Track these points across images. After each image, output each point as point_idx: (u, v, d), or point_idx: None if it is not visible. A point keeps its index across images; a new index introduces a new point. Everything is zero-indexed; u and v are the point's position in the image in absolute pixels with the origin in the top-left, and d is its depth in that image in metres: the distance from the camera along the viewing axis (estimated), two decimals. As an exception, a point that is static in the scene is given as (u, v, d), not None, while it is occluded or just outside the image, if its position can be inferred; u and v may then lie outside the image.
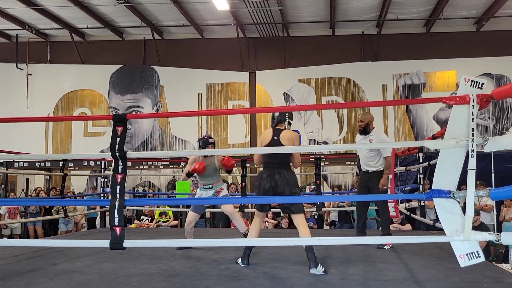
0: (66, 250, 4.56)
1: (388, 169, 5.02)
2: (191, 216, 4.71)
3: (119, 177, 2.89)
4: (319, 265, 3.37)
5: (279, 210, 7.93)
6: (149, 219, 8.84)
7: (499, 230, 2.60)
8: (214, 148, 4.86)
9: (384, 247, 4.58)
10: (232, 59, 12.45)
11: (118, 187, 2.86)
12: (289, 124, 3.87)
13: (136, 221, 8.95)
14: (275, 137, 3.72)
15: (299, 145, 3.95)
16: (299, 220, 3.63)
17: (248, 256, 3.75)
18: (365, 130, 4.88)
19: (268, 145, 3.70)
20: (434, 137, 5.40)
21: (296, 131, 3.92)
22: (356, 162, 5.43)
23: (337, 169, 11.22)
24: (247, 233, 4.12)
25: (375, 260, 3.93)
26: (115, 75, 13.01)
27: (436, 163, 2.69)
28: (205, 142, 4.74)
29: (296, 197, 3.80)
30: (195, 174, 4.66)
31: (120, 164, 2.91)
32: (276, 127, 3.82)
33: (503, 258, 6.30)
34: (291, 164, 3.81)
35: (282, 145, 3.68)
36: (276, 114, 3.83)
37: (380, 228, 5.37)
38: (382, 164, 4.85)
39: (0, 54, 13.23)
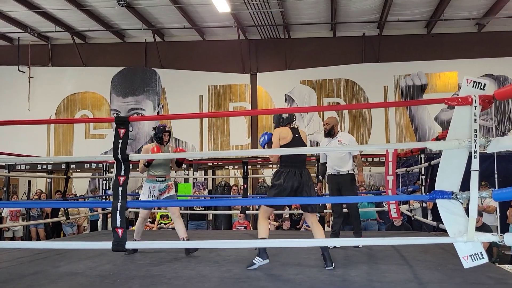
0: (68, 252, 4.56)
1: (361, 166, 5.24)
2: (144, 214, 4.76)
3: (122, 179, 2.89)
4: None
5: (279, 212, 8.06)
6: (150, 220, 8.83)
7: (506, 231, 2.59)
8: (170, 137, 4.72)
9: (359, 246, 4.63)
10: (233, 61, 12.47)
11: (120, 189, 2.86)
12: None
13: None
14: (296, 135, 3.77)
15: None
16: (312, 219, 3.75)
17: None
18: (330, 132, 4.98)
19: (290, 142, 3.70)
20: (438, 139, 5.42)
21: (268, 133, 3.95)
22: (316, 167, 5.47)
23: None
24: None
25: (377, 262, 3.92)
26: (117, 78, 13.03)
27: (437, 164, 2.68)
28: (161, 131, 4.64)
29: (296, 198, 3.84)
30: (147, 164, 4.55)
31: (123, 166, 2.91)
32: (291, 127, 3.83)
33: (510, 260, 6.27)
34: None
35: (304, 143, 3.83)
36: (285, 114, 3.86)
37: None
38: (352, 165, 4.96)
39: (2, 57, 13.27)
